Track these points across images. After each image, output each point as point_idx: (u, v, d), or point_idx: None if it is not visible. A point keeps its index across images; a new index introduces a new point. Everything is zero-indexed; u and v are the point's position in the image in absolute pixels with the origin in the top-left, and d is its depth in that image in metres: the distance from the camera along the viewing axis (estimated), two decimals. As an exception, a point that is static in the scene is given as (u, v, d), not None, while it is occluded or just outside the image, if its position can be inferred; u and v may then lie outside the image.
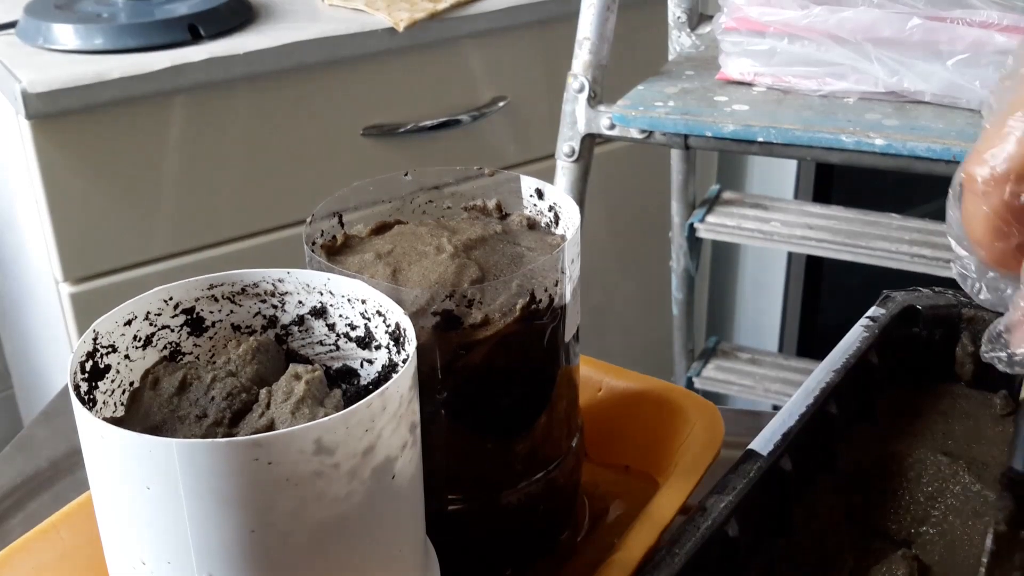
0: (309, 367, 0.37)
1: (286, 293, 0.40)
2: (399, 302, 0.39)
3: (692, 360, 1.30)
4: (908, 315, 0.55)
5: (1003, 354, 0.38)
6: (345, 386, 0.41)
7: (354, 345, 0.40)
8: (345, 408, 0.32)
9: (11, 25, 1.06)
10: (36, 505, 0.57)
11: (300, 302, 0.40)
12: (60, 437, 0.62)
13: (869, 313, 0.53)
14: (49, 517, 0.48)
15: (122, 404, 0.38)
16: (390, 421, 0.33)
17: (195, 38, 1.04)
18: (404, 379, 0.34)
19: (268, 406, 0.36)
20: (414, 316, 0.40)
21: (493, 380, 0.43)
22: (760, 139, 0.83)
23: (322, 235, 0.46)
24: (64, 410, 0.64)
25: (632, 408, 0.55)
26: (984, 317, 0.54)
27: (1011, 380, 0.53)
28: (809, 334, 1.64)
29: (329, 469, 0.32)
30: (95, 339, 0.37)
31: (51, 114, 0.97)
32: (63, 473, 0.60)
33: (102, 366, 0.37)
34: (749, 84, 0.90)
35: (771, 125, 0.82)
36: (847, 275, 1.40)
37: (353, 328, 0.40)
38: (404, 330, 0.37)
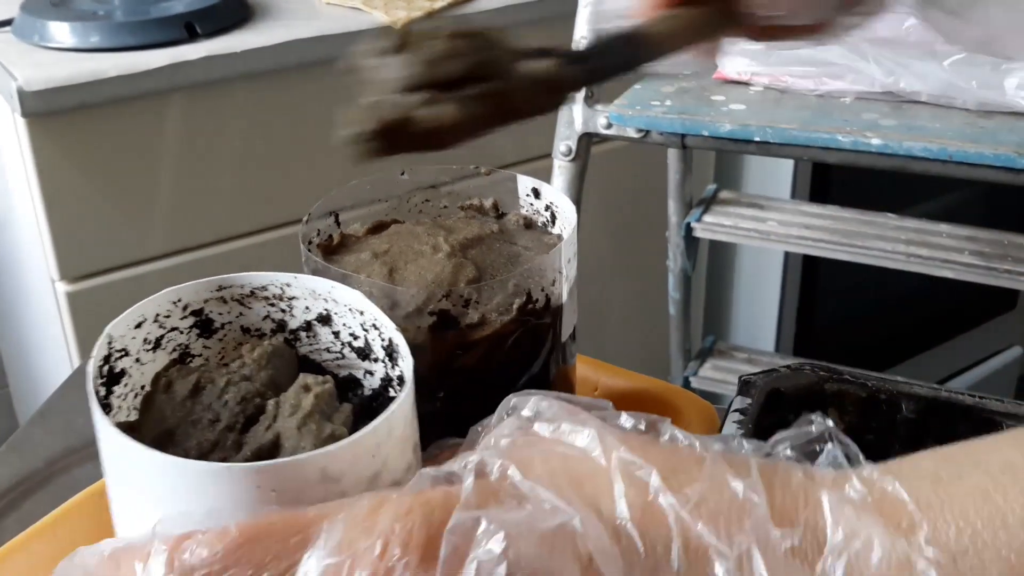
0: (319, 378, 0.36)
1: (294, 298, 0.40)
2: (395, 302, 0.39)
3: (689, 360, 1.30)
4: (774, 400, 0.51)
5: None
6: (352, 396, 0.40)
7: (355, 355, 0.40)
8: (353, 423, 0.32)
9: (7, 23, 1.06)
10: (32, 504, 0.57)
11: (307, 308, 0.40)
12: (56, 436, 0.62)
13: (736, 406, 0.51)
14: (45, 516, 0.47)
15: (135, 408, 0.38)
16: (396, 445, 0.32)
17: (192, 36, 1.04)
18: (406, 401, 0.33)
19: (275, 419, 0.35)
20: (410, 316, 0.39)
21: (490, 380, 0.43)
22: (757, 138, 0.83)
23: (318, 234, 0.46)
24: (60, 409, 0.64)
25: (629, 408, 0.55)
26: (849, 391, 0.52)
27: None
28: (805, 334, 1.64)
29: (335, 496, 0.31)
30: (109, 343, 0.36)
31: (47, 112, 0.96)
32: (59, 472, 0.59)
33: (117, 370, 0.37)
34: (746, 83, 0.90)
35: (768, 124, 0.82)
36: (844, 275, 1.41)
37: (355, 338, 0.40)
38: (397, 346, 0.37)
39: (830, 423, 0.32)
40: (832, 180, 1.51)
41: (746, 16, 0.39)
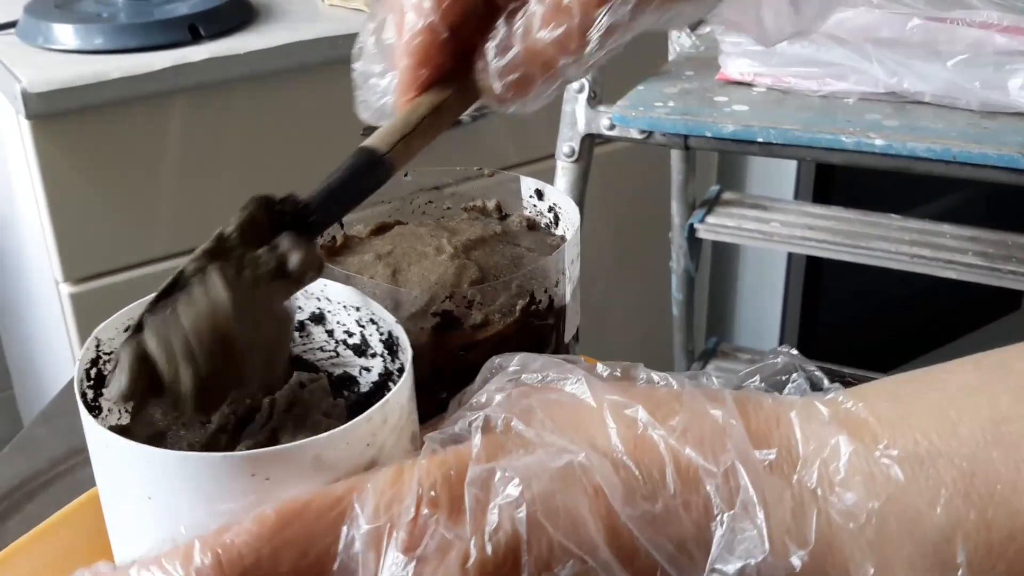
0: (312, 376, 0.36)
1: None
2: (398, 303, 0.39)
3: (692, 361, 1.30)
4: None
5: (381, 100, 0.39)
6: (347, 393, 0.40)
7: (351, 352, 0.40)
8: (347, 418, 0.32)
9: (11, 25, 1.06)
10: (35, 506, 0.57)
11: (300, 307, 0.40)
12: (59, 438, 0.62)
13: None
14: (49, 518, 0.47)
15: (127, 411, 0.38)
16: (391, 434, 0.32)
17: (195, 38, 1.04)
18: (403, 390, 0.33)
19: (271, 416, 0.35)
20: (413, 317, 0.39)
21: (493, 381, 0.43)
22: (760, 139, 0.83)
23: (322, 236, 0.46)
24: (64, 411, 0.64)
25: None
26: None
27: None
28: (809, 335, 1.64)
29: (330, 484, 0.31)
30: (97, 346, 0.36)
31: (51, 114, 0.96)
32: (62, 474, 0.59)
33: (106, 372, 0.37)
34: (749, 84, 0.90)
35: (771, 125, 0.82)
36: (847, 276, 1.40)
37: (350, 335, 0.40)
38: (397, 339, 0.37)
39: (795, 352, 0.35)
40: (835, 181, 1.51)
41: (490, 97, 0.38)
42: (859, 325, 1.72)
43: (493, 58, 0.37)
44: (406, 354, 0.35)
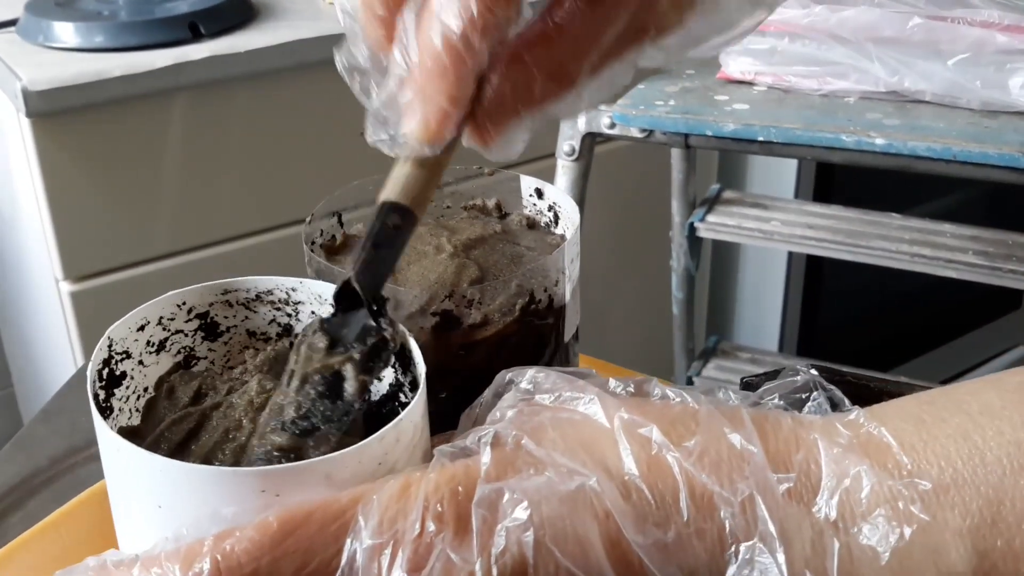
0: None
1: (299, 303, 0.40)
2: (398, 302, 0.39)
3: (692, 359, 1.30)
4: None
5: (386, 136, 0.34)
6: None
7: None
8: (364, 428, 0.31)
9: (12, 23, 1.06)
10: (36, 504, 0.57)
11: (313, 312, 0.40)
12: (60, 435, 0.62)
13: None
14: (49, 515, 0.48)
15: (137, 411, 0.37)
16: (404, 452, 0.32)
17: (196, 36, 1.04)
18: (416, 408, 0.33)
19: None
20: (413, 316, 0.39)
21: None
22: (761, 138, 0.83)
23: (321, 234, 0.46)
24: (64, 408, 0.64)
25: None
26: (851, 393, 0.51)
27: None
28: (809, 334, 1.64)
29: None
30: (110, 346, 0.36)
31: (52, 112, 0.96)
32: (63, 471, 0.60)
33: (118, 373, 0.37)
34: (750, 83, 0.90)
35: (772, 124, 0.82)
36: (847, 275, 1.40)
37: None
38: (410, 351, 0.36)
39: (814, 372, 0.34)
40: (836, 180, 1.51)
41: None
42: (859, 324, 1.72)
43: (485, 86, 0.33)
44: (419, 369, 0.35)
